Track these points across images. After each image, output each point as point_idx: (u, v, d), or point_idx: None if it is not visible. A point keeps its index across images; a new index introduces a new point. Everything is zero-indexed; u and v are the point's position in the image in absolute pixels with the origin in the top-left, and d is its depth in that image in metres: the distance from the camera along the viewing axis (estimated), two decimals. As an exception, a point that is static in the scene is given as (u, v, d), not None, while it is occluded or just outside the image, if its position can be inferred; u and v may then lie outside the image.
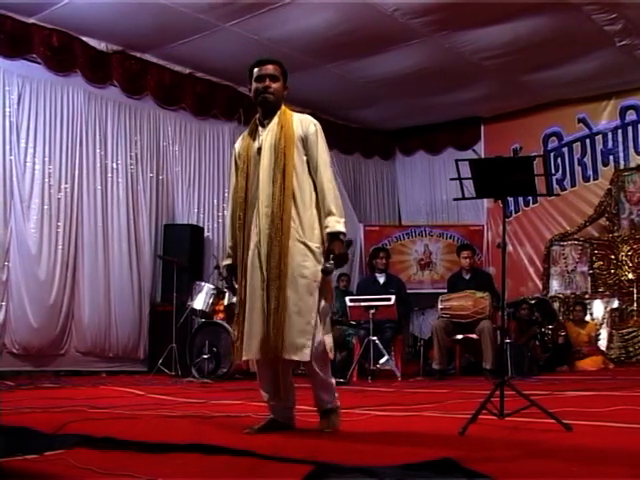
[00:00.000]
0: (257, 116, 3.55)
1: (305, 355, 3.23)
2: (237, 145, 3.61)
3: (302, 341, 3.23)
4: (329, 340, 3.37)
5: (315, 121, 3.49)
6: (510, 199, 10.12)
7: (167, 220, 8.92)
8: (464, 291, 7.71)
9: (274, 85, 3.45)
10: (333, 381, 3.46)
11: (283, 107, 3.51)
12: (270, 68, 3.47)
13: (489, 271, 9.62)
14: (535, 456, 2.67)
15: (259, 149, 3.43)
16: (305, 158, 3.42)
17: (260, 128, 3.50)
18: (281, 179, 3.35)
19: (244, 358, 3.38)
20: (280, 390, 3.36)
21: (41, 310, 7.53)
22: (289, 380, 3.43)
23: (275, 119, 3.46)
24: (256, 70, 3.48)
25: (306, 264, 3.30)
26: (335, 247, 3.30)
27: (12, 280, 7.40)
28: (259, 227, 3.35)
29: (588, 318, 9.48)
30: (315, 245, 3.34)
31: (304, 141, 3.42)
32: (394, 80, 9.39)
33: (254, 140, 3.48)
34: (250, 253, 3.37)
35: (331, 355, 3.38)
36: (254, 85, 3.48)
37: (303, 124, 3.46)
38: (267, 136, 3.43)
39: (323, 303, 3.34)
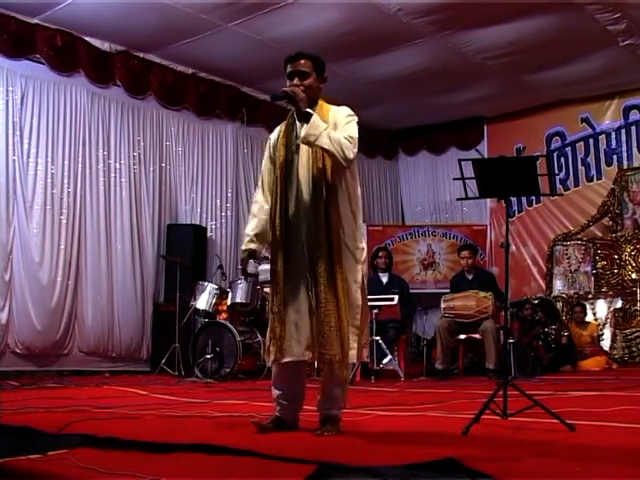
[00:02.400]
0: (294, 110, 3.45)
1: (352, 357, 3.24)
2: (273, 136, 3.54)
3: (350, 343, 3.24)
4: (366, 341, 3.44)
5: (350, 111, 3.42)
6: (513, 199, 10.11)
7: (170, 220, 8.93)
8: (467, 291, 7.71)
9: (304, 82, 3.39)
10: (347, 386, 3.40)
11: (320, 102, 3.44)
12: (299, 64, 3.41)
13: (492, 271, 9.61)
14: (538, 456, 2.67)
15: (297, 146, 3.36)
16: None
17: (298, 123, 3.40)
18: (321, 177, 3.29)
19: (287, 359, 3.27)
20: (298, 392, 3.40)
21: (44, 310, 7.54)
22: (304, 383, 3.45)
23: None
24: (288, 67, 3.42)
25: (345, 264, 3.28)
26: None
27: (15, 280, 7.41)
28: (300, 226, 3.30)
29: (591, 318, 9.48)
30: (352, 244, 3.32)
31: (335, 129, 3.33)
32: (397, 80, 9.39)
33: (291, 135, 3.42)
34: (295, 249, 3.31)
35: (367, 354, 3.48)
36: (287, 82, 3.41)
37: (337, 115, 3.40)
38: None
39: (365, 304, 3.37)
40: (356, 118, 3.41)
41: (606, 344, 9.34)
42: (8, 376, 6.97)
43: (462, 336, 7.72)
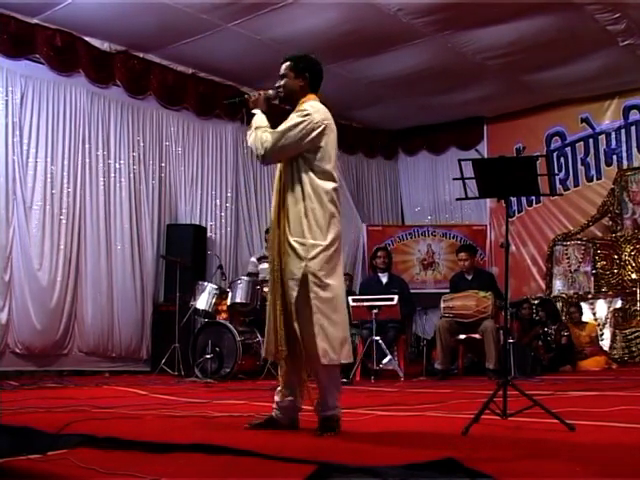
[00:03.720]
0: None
1: (267, 355, 3.36)
2: None
3: (314, 344, 3.23)
4: (329, 341, 3.24)
5: (307, 107, 3.39)
6: (513, 199, 10.11)
7: (170, 220, 8.93)
8: (467, 291, 7.70)
9: (281, 83, 3.53)
10: (336, 387, 3.36)
11: (303, 100, 3.48)
12: (281, 68, 3.55)
13: (492, 271, 9.61)
14: (538, 456, 2.67)
15: None
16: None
17: None
18: (282, 177, 3.41)
19: (264, 357, 3.42)
20: (295, 389, 3.42)
21: (44, 310, 7.54)
22: (301, 379, 3.43)
23: None
24: None
25: (288, 261, 3.30)
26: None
27: (15, 280, 7.40)
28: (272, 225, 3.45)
29: (591, 318, 9.47)
30: (296, 240, 3.30)
31: None
32: (397, 80, 9.39)
33: None
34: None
35: (334, 357, 3.23)
36: None
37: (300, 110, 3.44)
38: None
39: (314, 302, 3.25)
40: (306, 112, 3.37)
41: (606, 344, 9.34)
42: (8, 376, 6.97)
43: (462, 336, 7.71)
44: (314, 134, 3.34)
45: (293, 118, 3.38)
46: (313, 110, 3.38)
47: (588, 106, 10.30)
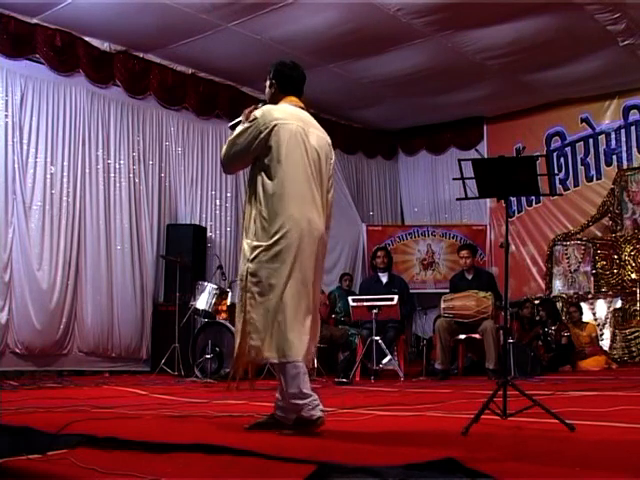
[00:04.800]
0: None
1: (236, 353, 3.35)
2: None
3: (245, 342, 3.28)
4: (258, 341, 3.22)
5: (259, 111, 3.44)
6: (513, 199, 10.12)
7: (170, 220, 8.93)
8: (467, 291, 7.70)
9: (265, 91, 3.66)
10: (293, 381, 3.25)
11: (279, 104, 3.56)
12: None
13: (492, 271, 9.61)
14: (538, 456, 2.67)
15: None
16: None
17: None
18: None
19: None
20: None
21: (44, 310, 7.53)
22: (279, 379, 3.39)
23: None
24: None
25: (240, 264, 3.39)
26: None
27: (15, 280, 7.40)
28: None
29: (591, 318, 9.47)
30: (246, 242, 3.35)
31: None
32: (397, 80, 9.39)
33: None
34: None
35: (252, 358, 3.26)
36: None
37: None
38: None
39: (249, 301, 3.27)
40: (253, 117, 3.43)
41: (606, 344, 9.34)
42: (8, 376, 6.97)
43: (462, 336, 7.72)
44: (261, 136, 3.37)
45: (243, 125, 3.46)
46: (261, 114, 3.42)
47: (588, 106, 10.31)
